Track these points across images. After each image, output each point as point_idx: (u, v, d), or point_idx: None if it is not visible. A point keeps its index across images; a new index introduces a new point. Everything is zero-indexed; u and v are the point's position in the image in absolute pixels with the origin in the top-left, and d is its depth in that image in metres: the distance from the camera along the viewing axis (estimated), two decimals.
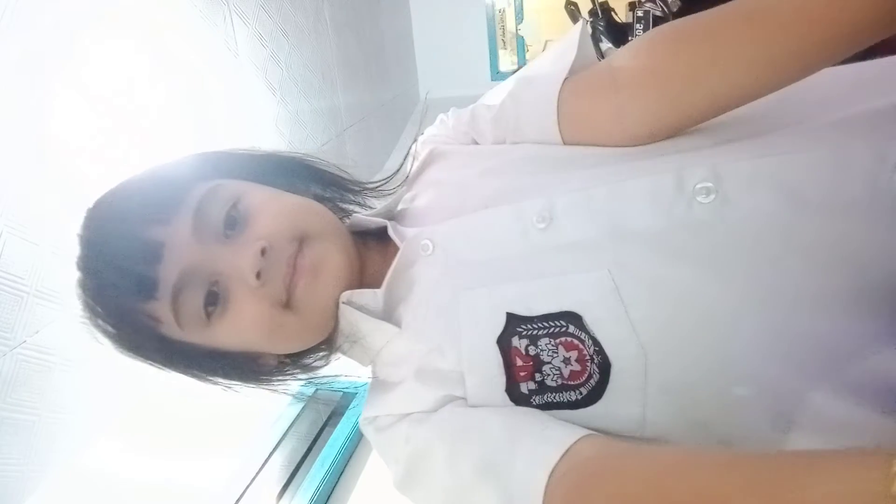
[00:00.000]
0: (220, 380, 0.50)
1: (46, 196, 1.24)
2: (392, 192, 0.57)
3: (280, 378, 0.52)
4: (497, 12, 3.88)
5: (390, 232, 0.50)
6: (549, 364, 0.40)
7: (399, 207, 0.56)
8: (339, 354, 0.54)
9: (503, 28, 4.00)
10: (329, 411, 1.63)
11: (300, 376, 0.53)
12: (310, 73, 2.46)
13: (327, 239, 0.47)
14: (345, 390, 1.61)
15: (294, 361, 0.52)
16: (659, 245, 0.39)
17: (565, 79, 0.50)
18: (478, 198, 0.48)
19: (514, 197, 0.45)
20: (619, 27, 2.67)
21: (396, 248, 0.49)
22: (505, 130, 0.54)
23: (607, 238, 0.40)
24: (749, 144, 0.42)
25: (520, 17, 4.05)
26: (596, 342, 0.38)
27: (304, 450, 1.53)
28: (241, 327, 0.45)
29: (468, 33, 3.82)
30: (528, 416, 0.39)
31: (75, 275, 0.48)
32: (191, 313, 0.44)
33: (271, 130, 2.19)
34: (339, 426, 1.59)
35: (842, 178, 0.37)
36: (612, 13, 2.71)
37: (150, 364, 0.48)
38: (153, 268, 0.43)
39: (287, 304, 0.45)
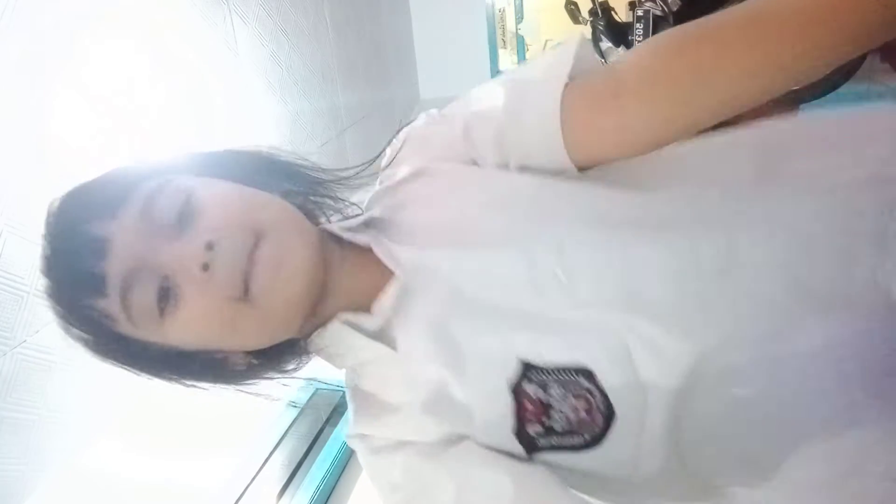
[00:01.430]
0: (192, 381, 0.49)
1: (46, 196, 1.23)
2: (363, 184, 0.54)
3: (251, 379, 0.51)
4: (497, 12, 3.88)
5: (380, 254, 0.49)
6: (557, 410, 0.41)
7: (380, 213, 0.52)
8: (312, 356, 0.53)
9: (503, 28, 4.00)
10: (329, 411, 1.62)
11: (273, 377, 0.52)
12: (310, 72, 2.46)
13: (286, 232, 0.46)
14: (345, 390, 1.61)
15: (264, 362, 0.51)
16: (670, 314, 0.41)
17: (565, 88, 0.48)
18: (482, 230, 0.47)
19: (525, 242, 0.45)
20: (619, 27, 2.67)
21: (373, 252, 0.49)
22: (508, 154, 0.50)
23: (621, 302, 0.42)
24: (761, 217, 0.43)
25: (520, 16, 4.05)
26: (604, 395, 0.41)
27: (304, 450, 1.53)
28: (192, 321, 0.43)
29: (468, 33, 3.82)
30: (540, 487, 0.41)
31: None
32: (142, 310, 0.43)
33: (271, 130, 2.19)
34: (339, 426, 1.59)
35: (844, 276, 0.40)
36: (612, 13, 2.71)
37: (123, 367, 0.48)
38: (99, 263, 0.42)
39: (243, 298, 0.44)
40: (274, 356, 0.51)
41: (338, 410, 1.63)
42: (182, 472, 1.34)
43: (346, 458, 1.53)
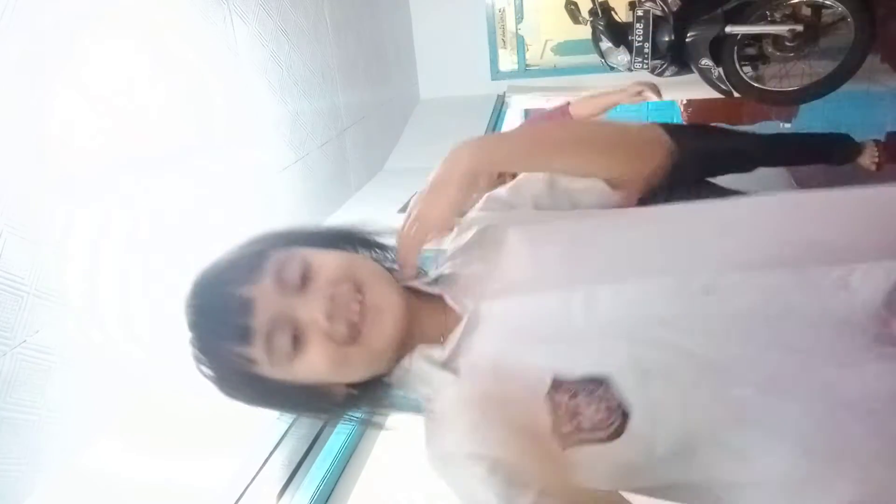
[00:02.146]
0: (298, 412, 0.64)
1: (46, 196, 1.24)
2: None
3: (346, 410, 0.63)
4: (497, 12, 3.88)
5: (450, 301, 0.63)
6: (583, 413, 0.52)
7: (449, 271, 0.67)
8: (393, 389, 0.64)
9: (503, 28, 4.01)
10: None
11: (364, 408, 0.64)
12: (310, 72, 2.47)
13: (380, 285, 0.59)
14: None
15: (360, 394, 0.62)
16: (671, 327, 0.52)
17: None
18: (526, 280, 0.60)
19: (560, 284, 0.58)
20: (619, 27, 2.67)
21: (443, 300, 0.63)
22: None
23: (632, 323, 0.54)
24: (741, 259, 0.55)
25: (520, 16, 4.06)
26: (620, 397, 0.51)
27: (304, 450, 1.53)
28: (314, 362, 0.56)
29: (468, 33, 3.82)
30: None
31: (181, 326, 0.59)
32: (280, 353, 0.55)
33: (271, 130, 2.19)
34: (339, 426, 1.59)
35: (798, 293, 0.51)
36: (612, 13, 2.71)
37: (245, 402, 0.60)
38: (248, 318, 0.55)
39: (351, 340, 0.56)
40: (365, 390, 0.63)
41: None
42: (182, 472, 1.34)
43: (346, 458, 1.53)
